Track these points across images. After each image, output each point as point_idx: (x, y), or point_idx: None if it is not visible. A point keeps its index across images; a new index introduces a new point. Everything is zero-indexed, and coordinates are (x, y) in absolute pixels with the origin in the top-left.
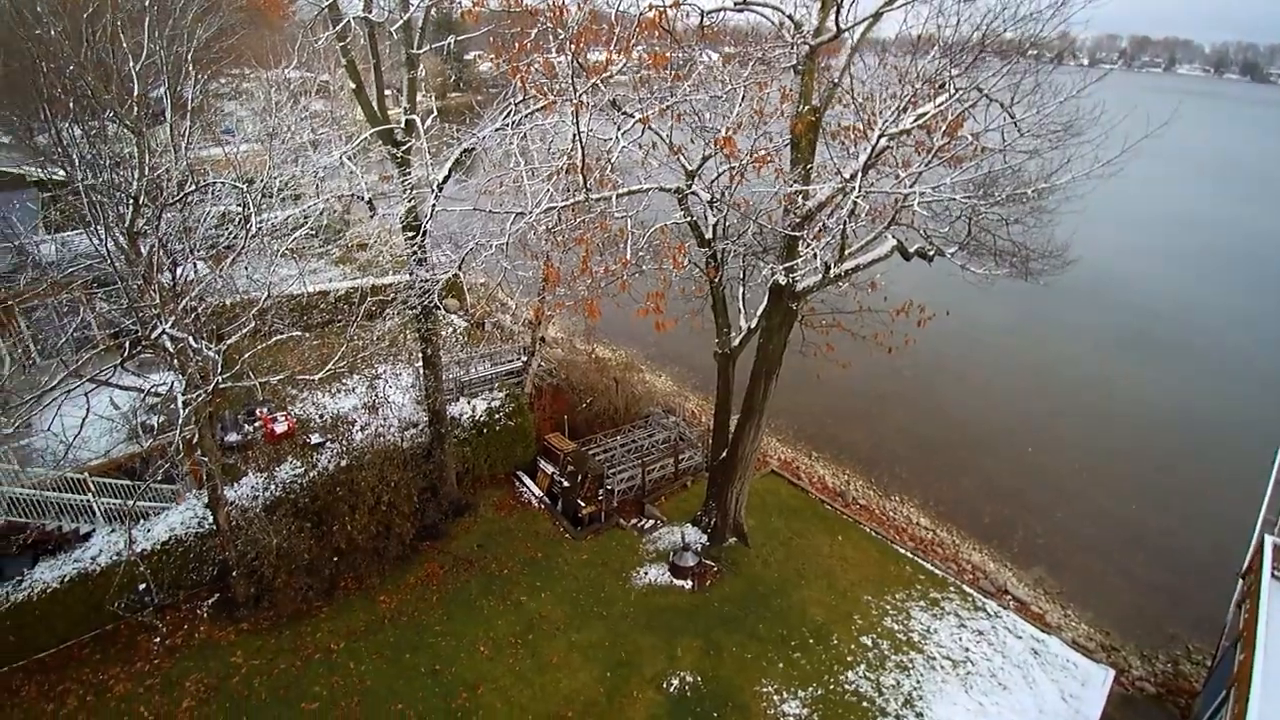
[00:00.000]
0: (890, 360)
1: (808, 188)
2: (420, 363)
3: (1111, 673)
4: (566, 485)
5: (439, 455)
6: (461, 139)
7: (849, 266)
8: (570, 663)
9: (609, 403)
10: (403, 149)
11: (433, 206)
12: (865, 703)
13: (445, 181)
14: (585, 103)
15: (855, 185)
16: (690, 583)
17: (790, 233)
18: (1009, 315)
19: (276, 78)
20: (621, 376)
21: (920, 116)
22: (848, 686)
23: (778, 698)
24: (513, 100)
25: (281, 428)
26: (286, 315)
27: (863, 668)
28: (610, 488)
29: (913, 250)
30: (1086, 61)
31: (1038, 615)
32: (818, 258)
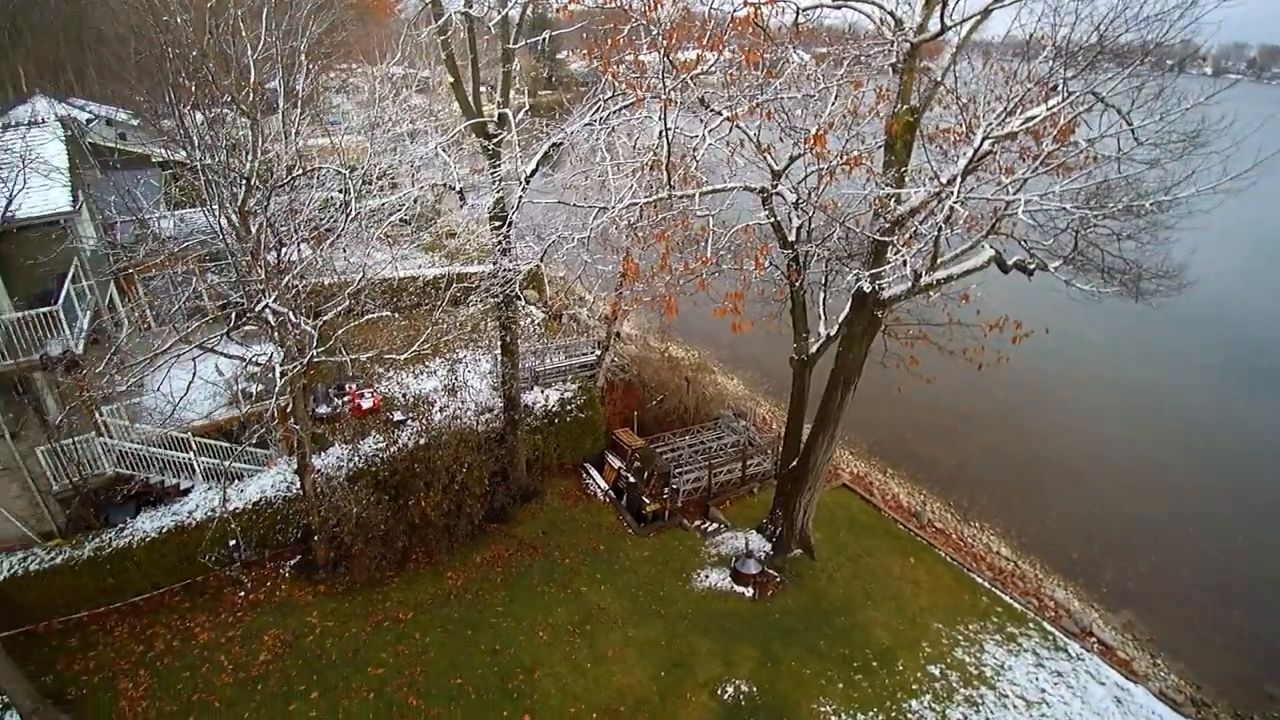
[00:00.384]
0: (979, 378)
1: (901, 190)
2: (499, 350)
3: None
4: (632, 481)
5: (511, 441)
6: (550, 134)
7: (940, 276)
8: (625, 658)
9: (679, 402)
10: (494, 141)
11: (519, 198)
12: None
13: (533, 175)
14: (674, 99)
15: (954, 190)
16: (751, 590)
17: (880, 237)
18: (1113, 338)
19: (381, 73)
20: (693, 376)
21: (1029, 119)
22: (910, 715)
23: (835, 719)
24: (602, 97)
25: (368, 404)
26: (378, 297)
27: (928, 698)
28: (675, 487)
29: (1011, 262)
30: (1210, 70)
31: (1124, 661)
32: (907, 265)
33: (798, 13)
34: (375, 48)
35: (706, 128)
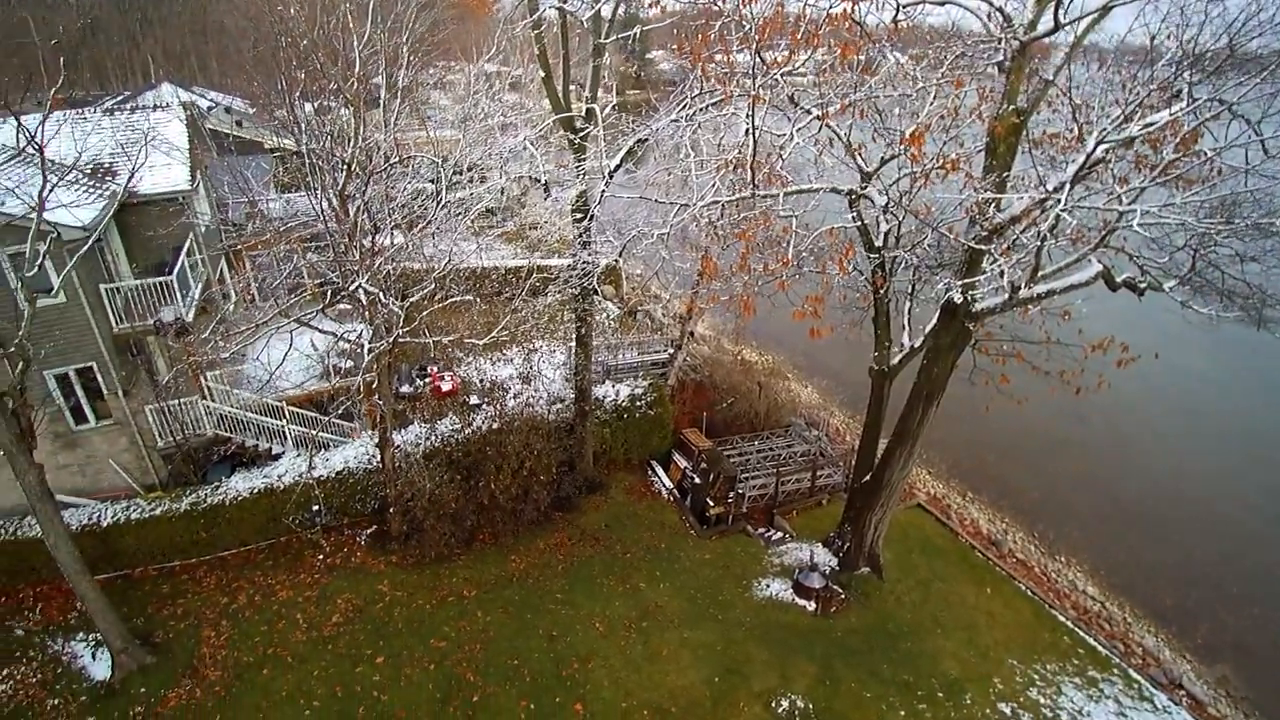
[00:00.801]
0: (1076, 402)
1: (1002, 196)
2: (573, 342)
3: None
4: (698, 482)
5: (580, 432)
6: (636, 129)
7: (1041, 290)
8: (679, 658)
9: (750, 406)
10: (580, 135)
11: (602, 193)
12: None
13: (617, 170)
14: (762, 97)
15: (1061, 198)
16: (813, 604)
17: (976, 245)
18: (1227, 368)
19: (476, 70)
20: (766, 381)
21: (1149, 125)
22: None
23: None
24: (689, 94)
25: (447, 386)
26: (461, 283)
27: None
28: (741, 492)
29: (1120, 279)
30: None
31: (1215, 719)
32: (1004, 276)
33: (898, 9)
34: (472, 45)
35: (794, 126)
